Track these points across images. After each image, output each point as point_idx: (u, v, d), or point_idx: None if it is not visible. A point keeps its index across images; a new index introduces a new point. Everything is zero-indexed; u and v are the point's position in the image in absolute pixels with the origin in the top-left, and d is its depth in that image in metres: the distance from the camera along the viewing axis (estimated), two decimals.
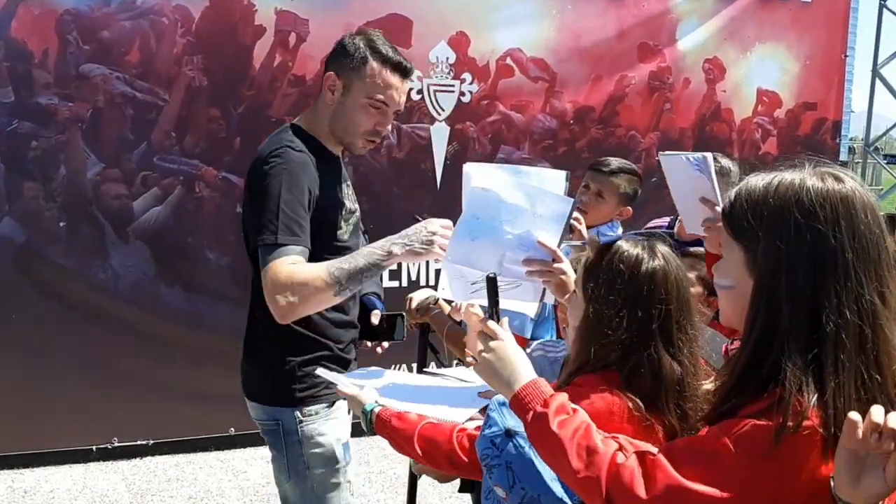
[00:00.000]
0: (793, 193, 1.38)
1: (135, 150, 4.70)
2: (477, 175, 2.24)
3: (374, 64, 2.44)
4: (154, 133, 4.72)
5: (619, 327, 1.69)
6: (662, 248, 1.76)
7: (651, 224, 3.69)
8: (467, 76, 5.36)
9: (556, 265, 2.16)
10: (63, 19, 4.48)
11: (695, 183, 2.47)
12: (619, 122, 5.83)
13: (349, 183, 2.66)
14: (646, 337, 1.69)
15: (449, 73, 5.30)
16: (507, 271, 2.17)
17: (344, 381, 2.21)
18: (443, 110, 5.34)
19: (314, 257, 2.35)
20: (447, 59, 5.26)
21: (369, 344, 2.74)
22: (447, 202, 5.27)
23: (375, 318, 2.63)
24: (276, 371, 2.49)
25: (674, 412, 1.69)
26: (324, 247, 2.42)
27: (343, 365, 2.55)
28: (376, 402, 2.10)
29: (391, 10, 5.12)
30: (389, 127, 2.58)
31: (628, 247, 1.74)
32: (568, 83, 5.64)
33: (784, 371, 1.33)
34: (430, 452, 1.94)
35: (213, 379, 4.59)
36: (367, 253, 2.35)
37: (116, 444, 4.82)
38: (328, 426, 2.52)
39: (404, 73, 2.49)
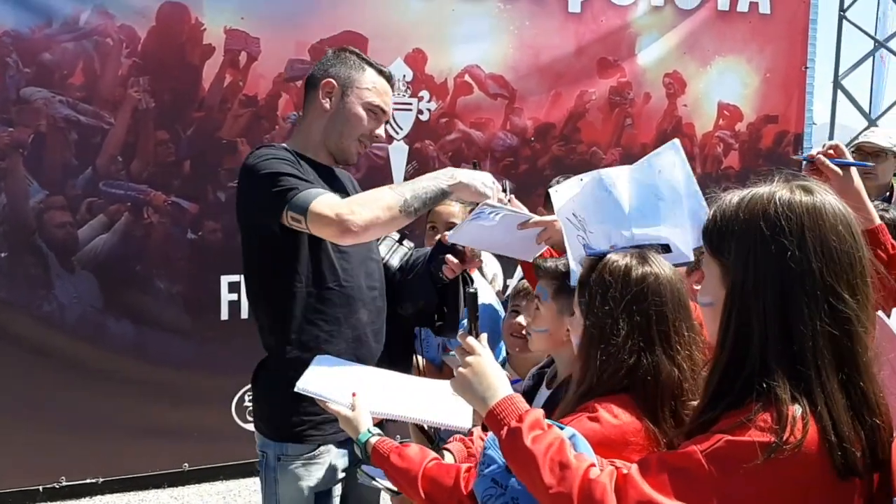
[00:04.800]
0: (761, 207, 1.39)
1: (79, 176, 4.54)
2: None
3: (370, 71, 2.54)
4: (99, 158, 4.56)
5: (618, 335, 1.67)
6: (653, 255, 1.77)
7: None
8: (425, 94, 5.24)
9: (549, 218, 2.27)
10: (1, 41, 4.33)
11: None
12: (581, 139, 5.74)
13: (357, 188, 2.64)
14: (649, 342, 1.68)
15: (406, 92, 5.19)
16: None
17: (333, 397, 2.05)
18: (401, 129, 5.22)
19: (314, 263, 2.33)
20: (404, 76, 5.14)
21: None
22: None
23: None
24: (271, 401, 2.44)
25: (669, 419, 1.67)
26: (325, 250, 2.36)
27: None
28: (369, 430, 1.97)
29: (346, 28, 5.00)
30: (382, 134, 2.62)
31: (617, 258, 1.76)
32: (528, 100, 5.54)
33: (763, 385, 1.33)
34: (434, 494, 1.82)
35: (165, 413, 4.45)
36: (429, 176, 2.36)
37: (64, 483, 4.62)
38: (306, 472, 2.37)
39: (391, 81, 2.59)
